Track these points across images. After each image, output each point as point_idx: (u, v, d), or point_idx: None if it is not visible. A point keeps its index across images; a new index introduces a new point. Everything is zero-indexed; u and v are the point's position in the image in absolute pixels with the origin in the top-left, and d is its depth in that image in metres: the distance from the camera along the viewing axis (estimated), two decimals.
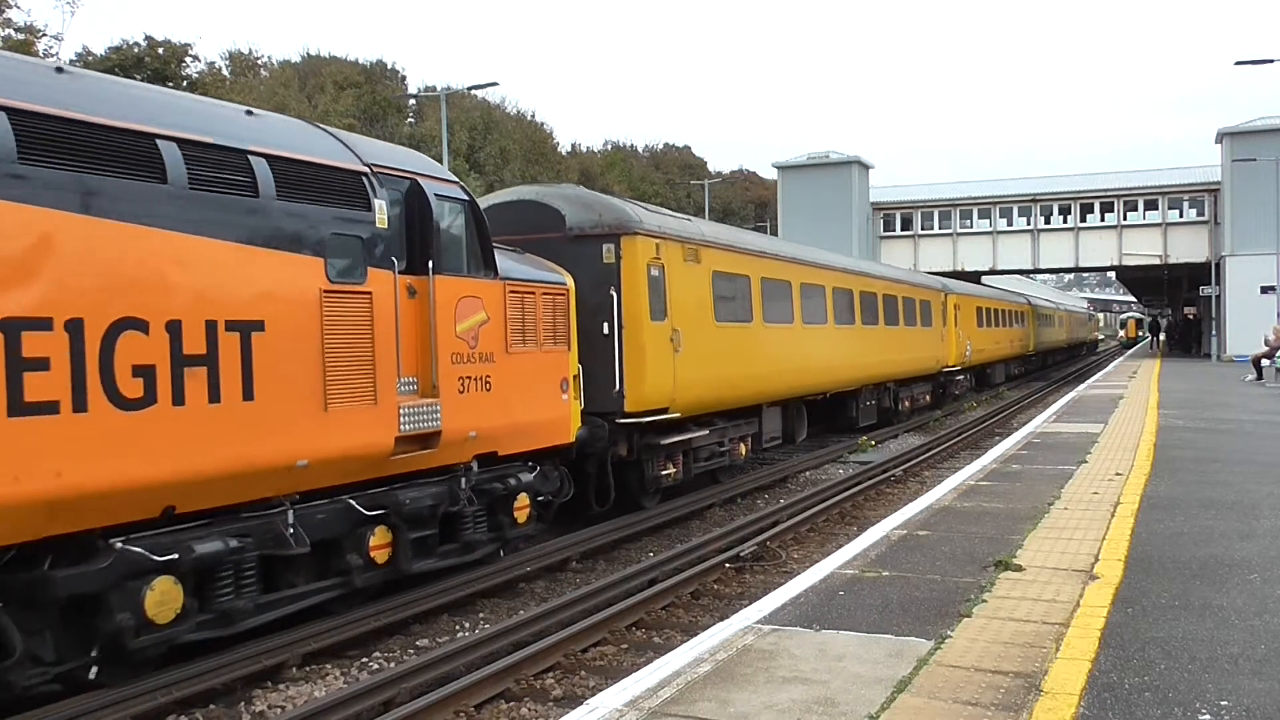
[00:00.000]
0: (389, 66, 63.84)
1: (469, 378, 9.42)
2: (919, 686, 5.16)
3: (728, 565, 10.68)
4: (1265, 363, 29.97)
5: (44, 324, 6.05)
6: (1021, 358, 45.86)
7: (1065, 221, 52.77)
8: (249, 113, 8.16)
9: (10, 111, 6.02)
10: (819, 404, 20.27)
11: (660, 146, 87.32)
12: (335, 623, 8.20)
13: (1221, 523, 9.14)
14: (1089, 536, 8.61)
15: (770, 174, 63.15)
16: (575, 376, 11.37)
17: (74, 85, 6.71)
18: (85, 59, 35.00)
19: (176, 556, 6.88)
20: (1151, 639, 5.84)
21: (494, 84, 40.96)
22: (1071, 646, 5.72)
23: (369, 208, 8.39)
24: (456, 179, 9.95)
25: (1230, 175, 45.62)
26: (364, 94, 56.21)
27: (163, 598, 6.80)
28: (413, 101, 57.37)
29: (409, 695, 6.90)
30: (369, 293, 8.24)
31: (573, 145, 73.81)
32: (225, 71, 54.00)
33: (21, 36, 26.37)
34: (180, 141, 6.98)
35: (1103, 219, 52.33)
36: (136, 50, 33.24)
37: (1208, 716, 4.72)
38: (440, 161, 25.42)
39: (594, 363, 11.94)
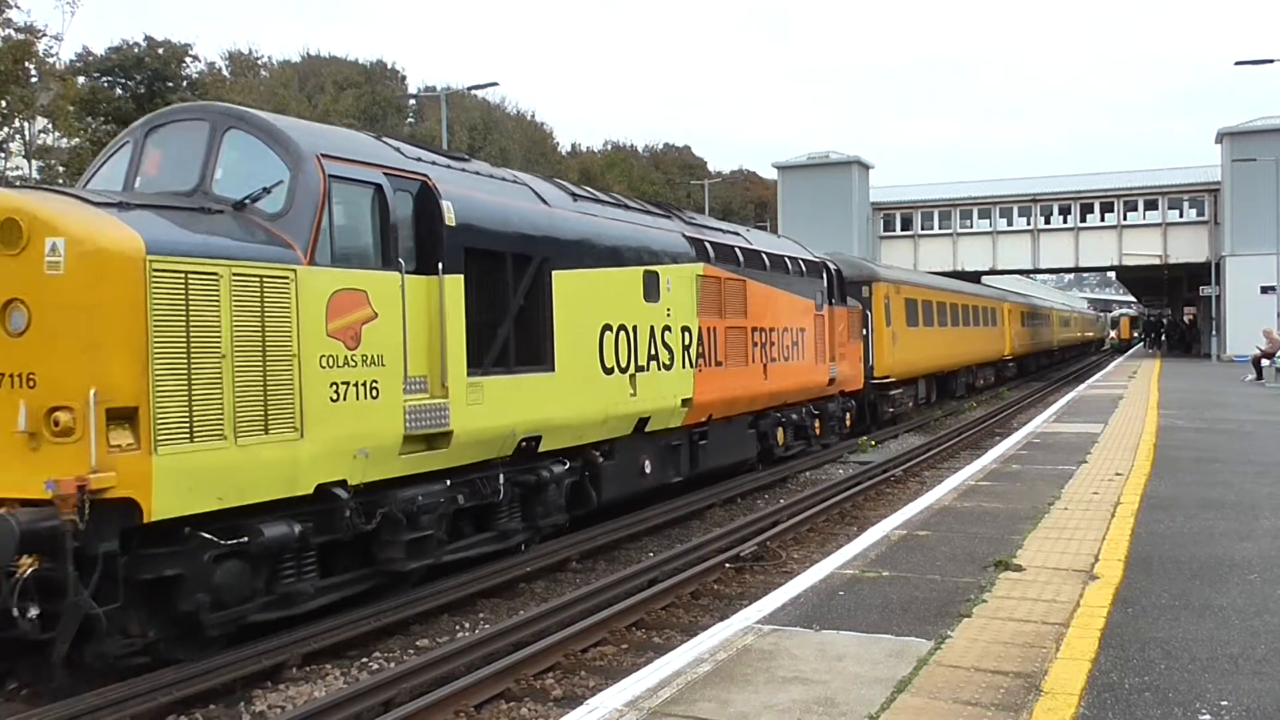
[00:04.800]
0: (389, 66, 64.00)
1: (839, 353, 19.76)
2: (919, 686, 5.17)
3: (728, 565, 10.67)
4: (1265, 363, 29.98)
5: (762, 330, 15.69)
6: (1047, 351, 56.80)
7: (1065, 221, 52.75)
8: (765, 233, 20.46)
9: (743, 250, 15.64)
10: (937, 379, 30.34)
11: (660, 146, 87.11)
12: (335, 622, 8.20)
13: (1221, 523, 9.14)
14: (1089, 536, 8.61)
15: (770, 174, 63.08)
16: (861, 356, 22.02)
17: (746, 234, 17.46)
18: (85, 59, 34.91)
19: (784, 421, 17.25)
20: (1151, 639, 5.84)
21: (494, 84, 41.03)
22: (1071, 646, 5.72)
23: (821, 277, 19.06)
24: (832, 259, 20.93)
25: (1230, 175, 45.63)
26: (364, 94, 56.32)
27: (781, 436, 17.11)
28: (413, 101, 57.43)
29: (409, 695, 6.89)
30: (825, 315, 18.89)
31: (573, 145, 73.89)
32: (225, 72, 53.94)
33: (22, 37, 26.22)
34: (782, 256, 17.22)
35: (1103, 219, 52.30)
36: (137, 50, 33.07)
37: (1208, 716, 4.72)
38: None
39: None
